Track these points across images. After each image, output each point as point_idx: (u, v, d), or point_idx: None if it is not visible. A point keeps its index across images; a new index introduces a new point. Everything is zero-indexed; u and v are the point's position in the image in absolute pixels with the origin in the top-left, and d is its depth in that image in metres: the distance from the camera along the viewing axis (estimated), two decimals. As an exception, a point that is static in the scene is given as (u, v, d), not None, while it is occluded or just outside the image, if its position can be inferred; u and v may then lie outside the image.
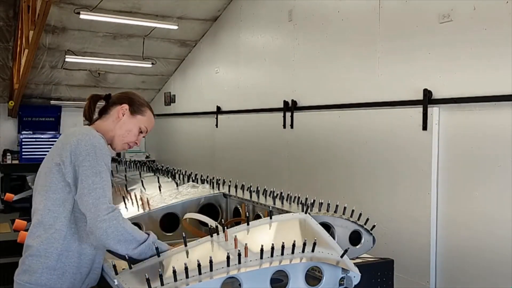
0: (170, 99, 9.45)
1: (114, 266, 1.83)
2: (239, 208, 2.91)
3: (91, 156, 1.90)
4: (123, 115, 2.16)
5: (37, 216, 1.98)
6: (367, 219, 2.47)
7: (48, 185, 1.96)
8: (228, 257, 1.75)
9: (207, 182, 3.30)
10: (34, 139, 9.00)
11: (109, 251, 1.97)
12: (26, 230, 2.97)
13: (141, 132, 2.21)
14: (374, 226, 2.44)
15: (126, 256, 1.87)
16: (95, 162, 1.90)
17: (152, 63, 8.48)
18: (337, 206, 2.41)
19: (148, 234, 1.97)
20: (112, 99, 2.23)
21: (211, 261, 1.72)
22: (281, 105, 5.89)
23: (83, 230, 1.96)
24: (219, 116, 7.53)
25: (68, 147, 1.93)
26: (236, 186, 3.12)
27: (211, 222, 2.35)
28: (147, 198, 2.95)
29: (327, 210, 2.45)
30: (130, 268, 1.87)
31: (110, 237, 1.84)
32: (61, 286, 1.94)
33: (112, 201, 1.91)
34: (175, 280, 1.68)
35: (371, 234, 2.43)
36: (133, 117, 2.18)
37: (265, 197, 2.81)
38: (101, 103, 2.30)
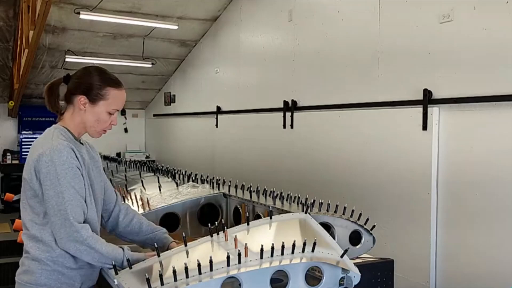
0: (170, 99, 9.46)
1: (114, 266, 1.83)
2: (239, 208, 2.91)
3: (52, 174, 1.84)
4: (84, 107, 1.99)
5: (25, 230, 1.96)
6: (367, 219, 2.47)
7: (26, 201, 1.94)
8: (228, 257, 1.75)
9: (207, 182, 3.30)
10: (34, 139, 8.94)
11: None
12: (26, 230, 2.96)
13: (111, 113, 2.03)
14: (374, 226, 2.44)
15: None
16: (56, 181, 1.83)
17: (152, 63, 8.48)
18: (337, 206, 2.41)
19: (123, 249, 1.95)
20: (70, 83, 2.05)
21: (211, 261, 1.72)
22: (281, 105, 5.89)
23: None
24: (219, 116, 7.53)
25: (31, 163, 1.88)
26: (236, 186, 3.12)
27: None
28: (147, 198, 2.95)
29: (327, 210, 2.45)
30: (130, 268, 1.87)
31: (84, 256, 1.87)
32: (61, 285, 1.94)
33: (81, 217, 1.87)
34: (175, 280, 1.68)
35: (371, 234, 2.43)
36: (95, 105, 1.99)
37: (265, 197, 2.81)
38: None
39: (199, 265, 1.70)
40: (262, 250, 1.81)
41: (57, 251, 1.92)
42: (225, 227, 2.02)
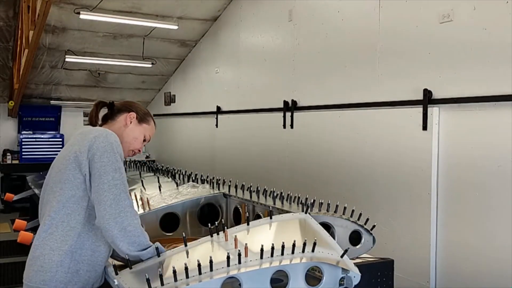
0: (170, 99, 9.46)
1: (114, 266, 1.83)
2: (239, 208, 2.91)
3: (109, 152, 1.93)
4: (130, 123, 2.21)
5: (50, 213, 1.93)
6: (367, 219, 2.47)
7: (64, 181, 1.94)
8: (228, 257, 1.75)
9: (207, 182, 3.30)
10: (34, 139, 9.00)
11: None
12: (26, 230, 2.97)
13: (144, 140, 2.27)
14: (374, 226, 2.44)
15: (126, 256, 1.87)
16: (113, 158, 1.93)
17: (152, 63, 8.48)
18: (337, 206, 2.41)
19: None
20: (116, 106, 2.26)
21: (211, 261, 1.72)
22: (281, 105, 5.89)
23: (97, 227, 1.92)
24: (219, 116, 7.53)
25: (86, 143, 1.95)
26: (236, 186, 3.12)
27: None
28: (147, 198, 2.96)
29: (327, 210, 2.45)
30: (130, 268, 1.87)
31: (126, 235, 1.87)
32: (75, 284, 1.91)
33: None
34: (175, 280, 1.68)
35: (371, 234, 2.43)
36: (140, 125, 2.24)
37: (265, 197, 2.81)
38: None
39: (199, 265, 1.70)
40: (262, 250, 1.81)
41: (78, 240, 1.91)
42: (225, 227, 2.02)
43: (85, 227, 1.93)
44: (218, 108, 7.52)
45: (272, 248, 1.82)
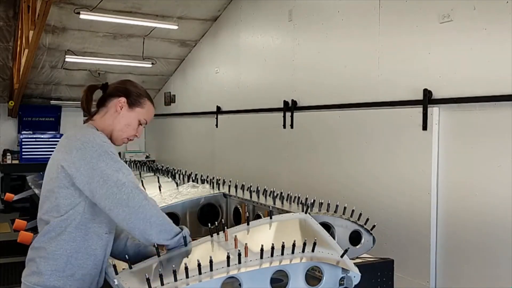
0: (170, 99, 9.46)
1: (114, 266, 1.83)
2: (239, 208, 2.91)
3: (104, 156, 1.85)
4: (121, 109, 2.05)
5: (45, 218, 1.94)
6: (367, 219, 2.47)
7: (57, 191, 1.90)
8: (228, 257, 1.75)
9: (207, 182, 3.30)
10: (34, 139, 9.00)
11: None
12: (26, 230, 2.97)
13: (140, 124, 2.11)
14: (374, 226, 2.44)
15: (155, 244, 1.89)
16: (111, 160, 1.86)
17: (152, 63, 8.48)
18: (337, 206, 2.41)
19: (182, 229, 1.99)
20: (109, 89, 2.11)
21: (211, 261, 1.72)
22: (281, 105, 5.89)
23: (93, 232, 1.93)
24: (219, 116, 7.53)
25: (75, 151, 1.86)
26: (236, 186, 3.12)
27: None
28: (147, 198, 2.95)
29: (327, 210, 2.45)
30: (130, 268, 1.87)
31: (153, 225, 1.86)
32: (70, 287, 1.91)
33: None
34: (175, 280, 1.68)
35: (371, 234, 2.44)
36: (132, 110, 2.07)
37: (265, 197, 2.81)
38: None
39: (199, 265, 1.70)
40: (262, 250, 1.81)
41: (74, 244, 1.90)
42: (225, 227, 2.02)
43: (80, 232, 1.91)
44: (218, 108, 7.53)
45: (272, 248, 1.82)
